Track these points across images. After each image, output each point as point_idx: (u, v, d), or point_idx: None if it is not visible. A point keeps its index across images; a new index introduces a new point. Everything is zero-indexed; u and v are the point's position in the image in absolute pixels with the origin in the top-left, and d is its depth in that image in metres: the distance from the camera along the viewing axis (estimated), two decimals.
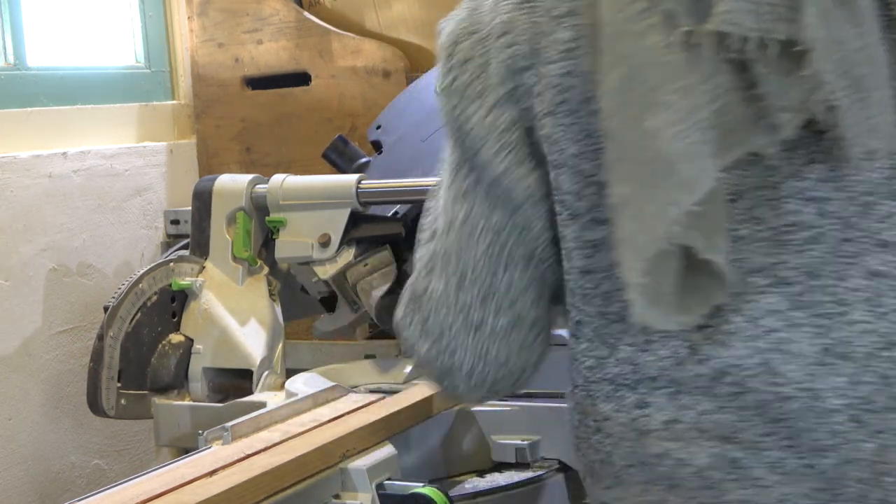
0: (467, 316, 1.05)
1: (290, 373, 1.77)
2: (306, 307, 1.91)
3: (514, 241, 1.03)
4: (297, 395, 1.59)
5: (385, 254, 1.77)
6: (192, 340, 1.78)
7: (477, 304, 1.05)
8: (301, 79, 2.37)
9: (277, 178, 1.80)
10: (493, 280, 1.04)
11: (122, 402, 1.73)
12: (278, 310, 1.81)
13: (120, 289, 1.73)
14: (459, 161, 1.05)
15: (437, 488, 1.34)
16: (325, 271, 1.75)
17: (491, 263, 1.04)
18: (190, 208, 1.87)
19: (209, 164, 2.45)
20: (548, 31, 0.99)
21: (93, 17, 2.47)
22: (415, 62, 2.30)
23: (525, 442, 1.54)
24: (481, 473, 1.54)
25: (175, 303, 1.79)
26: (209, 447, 1.38)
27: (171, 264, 1.80)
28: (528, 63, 0.99)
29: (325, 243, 1.74)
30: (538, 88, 0.99)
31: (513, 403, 1.59)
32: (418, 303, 1.09)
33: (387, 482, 1.36)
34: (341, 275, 1.75)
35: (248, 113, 2.42)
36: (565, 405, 1.57)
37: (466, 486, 1.50)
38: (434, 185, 1.11)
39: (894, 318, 0.90)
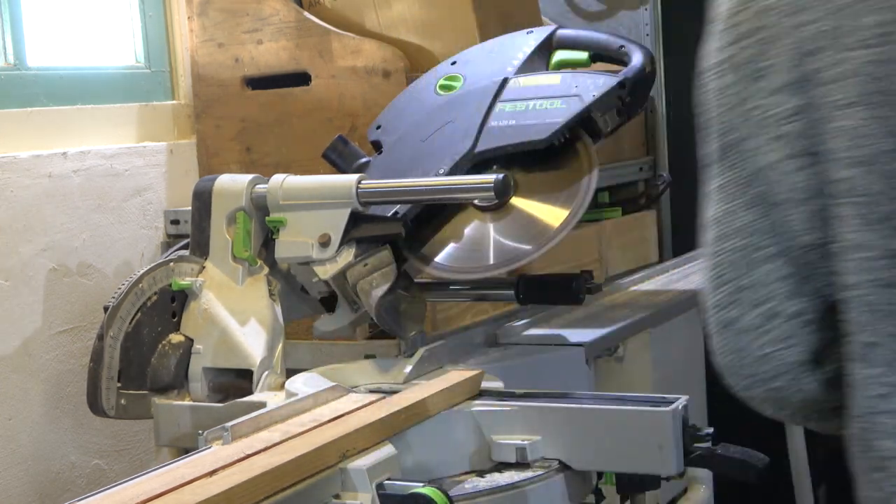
0: (720, 312, 0.98)
1: (290, 373, 1.76)
2: (306, 307, 1.91)
3: (766, 242, 0.95)
4: (297, 395, 1.59)
5: (385, 254, 1.77)
6: (192, 340, 1.78)
7: (728, 302, 0.98)
8: (301, 79, 2.37)
9: (277, 178, 1.80)
10: (743, 280, 0.96)
11: (122, 402, 1.73)
12: (278, 310, 1.81)
13: (120, 289, 1.73)
14: (719, 151, 0.96)
15: (437, 488, 1.34)
16: (325, 271, 1.75)
17: (739, 265, 0.97)
18: (190, 208, 1.87)
19: (209, 164, 2.45)
20: (852, 11, 0.89)
21: (93, 17, 2.47)
22: (415, 62, 2.30)
23: (525, 442, 1.53)
24: (481, 473, 1.54)
25: (175, 303, 1.79)
26: (209, 447, 1.38)
27: (171, 264, 1.80)
28: (823, 45, 0.90)
29: (325, 243, 1.74)
30: (835, 74, 0.89)
31: (513, 403, 1.59)
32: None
33: (387, 482, 1.36)
34: (341, 275, 1.75)
35: (248, 113, 2.42)
36: (565, 405, 1.58)
37: (466, 486, 1.50)
38: None
39: None
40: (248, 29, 2.40)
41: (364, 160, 1.93)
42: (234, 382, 1.76)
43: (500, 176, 1.68)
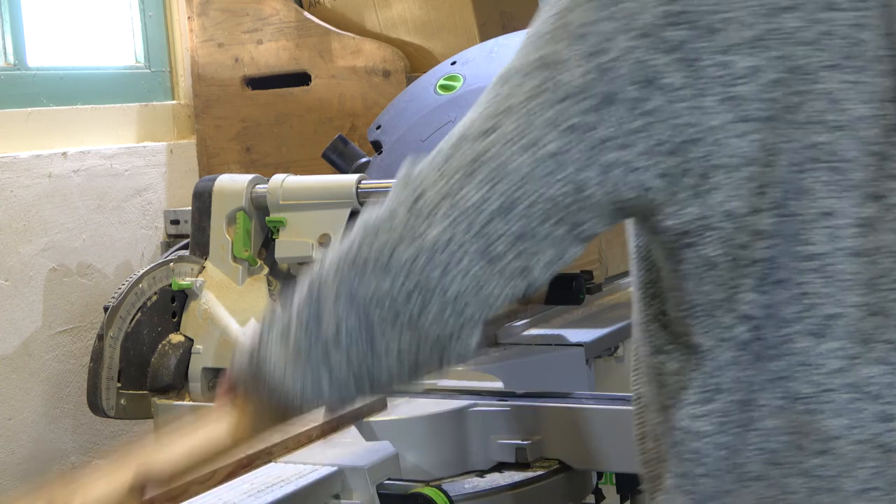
0: (489, 245, 0.91)
1: None
2: None
3: (596, 201, 0.91)
4: None
5: None
6: (192, 340, 1.78)
7: (507, 240, 0.91)
8: (301, 79, 2.37)
9: (277, 178, 1.80)
10: (539, 226, 0.91)
11: (122, 402, 1.73)
12: None
13: (120, 289, 1.73)
14: (601, 90, 0.88)
15: (437, 488, 1.34)
16: None
17: (549, 212, 0.91)
18: (190, 208, 1.87)
19: (209, 164, 2.45)
20: None
21: (93, 17, 2.47)
22: (415, 62, 2.30)
23: (525, 442, 1.53)
24: (481, 473, 1.54)
25: (175, 303, 1.79)
26: None
27: (171, 264, 1.80)
28: (796, 3, 0.86)
29: (325, 243, 1.74)
30: (812, 35, 0.85)
31: (513, 403, 1.59)
32: (424, 194, 0.92)
33: (387, 482, 1.36)
34: None
35: (248, 113, 2.42)
36: (565, 405, 1.58)
37: (466, 486, 1.50)
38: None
39: None
40: (248, 29, 2.40)
41: (364, 160, 1.93)
42: None
43: None
